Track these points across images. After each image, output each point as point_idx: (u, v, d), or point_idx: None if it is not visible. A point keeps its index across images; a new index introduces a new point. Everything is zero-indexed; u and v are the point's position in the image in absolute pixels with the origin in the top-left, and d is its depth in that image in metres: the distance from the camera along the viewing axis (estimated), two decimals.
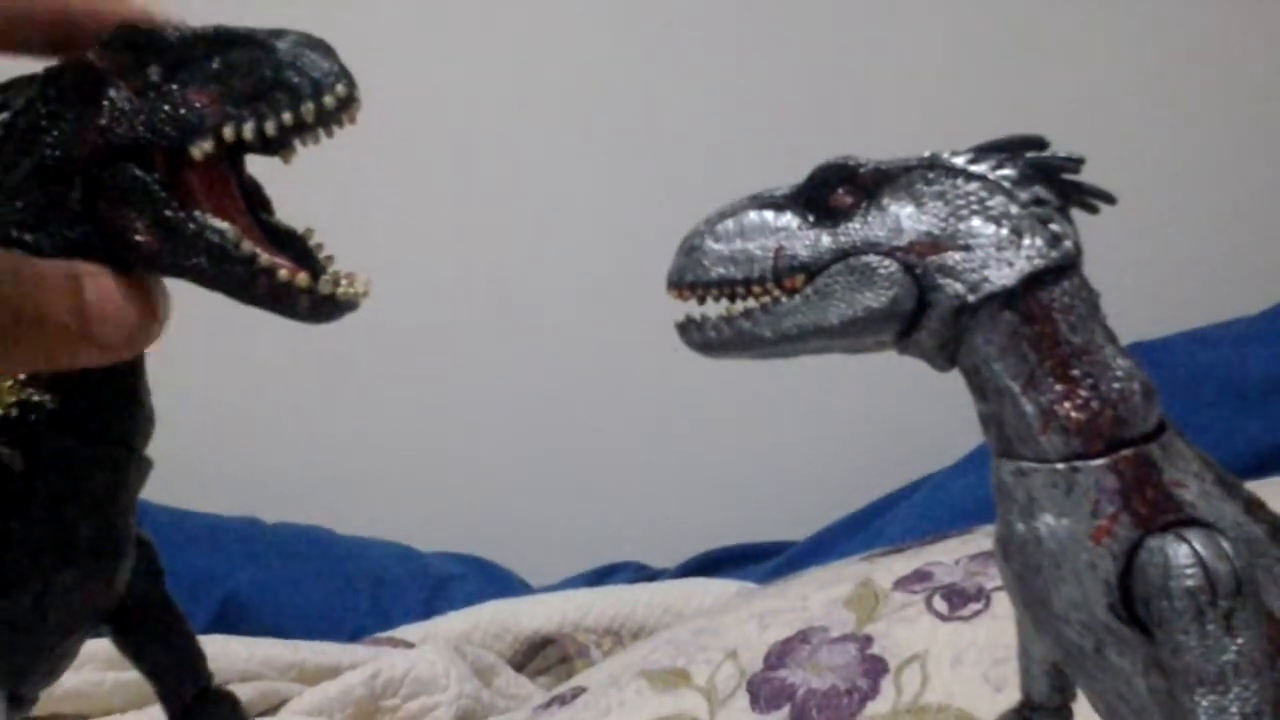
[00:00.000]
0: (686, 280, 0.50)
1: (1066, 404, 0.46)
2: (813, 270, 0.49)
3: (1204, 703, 0.44)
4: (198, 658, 0.56)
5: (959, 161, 0.48)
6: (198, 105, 0.45)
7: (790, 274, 0.49)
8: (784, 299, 0.49)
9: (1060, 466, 0.46)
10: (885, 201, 0.48)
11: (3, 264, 0.42)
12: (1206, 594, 0.44)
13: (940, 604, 0.94)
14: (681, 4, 1.68)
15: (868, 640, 0.94)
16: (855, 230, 0.48)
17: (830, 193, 0.49)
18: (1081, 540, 0.46)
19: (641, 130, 1.68)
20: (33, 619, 0.48)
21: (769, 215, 0.50)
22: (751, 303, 0.50)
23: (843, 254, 0.48)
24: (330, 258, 0.47)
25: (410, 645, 1.28)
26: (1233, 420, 1.30)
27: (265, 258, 0.45)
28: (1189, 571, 0.44)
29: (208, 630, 1.28)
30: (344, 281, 0.46)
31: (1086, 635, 0.47)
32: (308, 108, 0.44)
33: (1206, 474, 0.47)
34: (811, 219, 0.49)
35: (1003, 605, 0.88)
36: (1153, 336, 1.37)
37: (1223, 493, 0.47)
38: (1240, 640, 0.44)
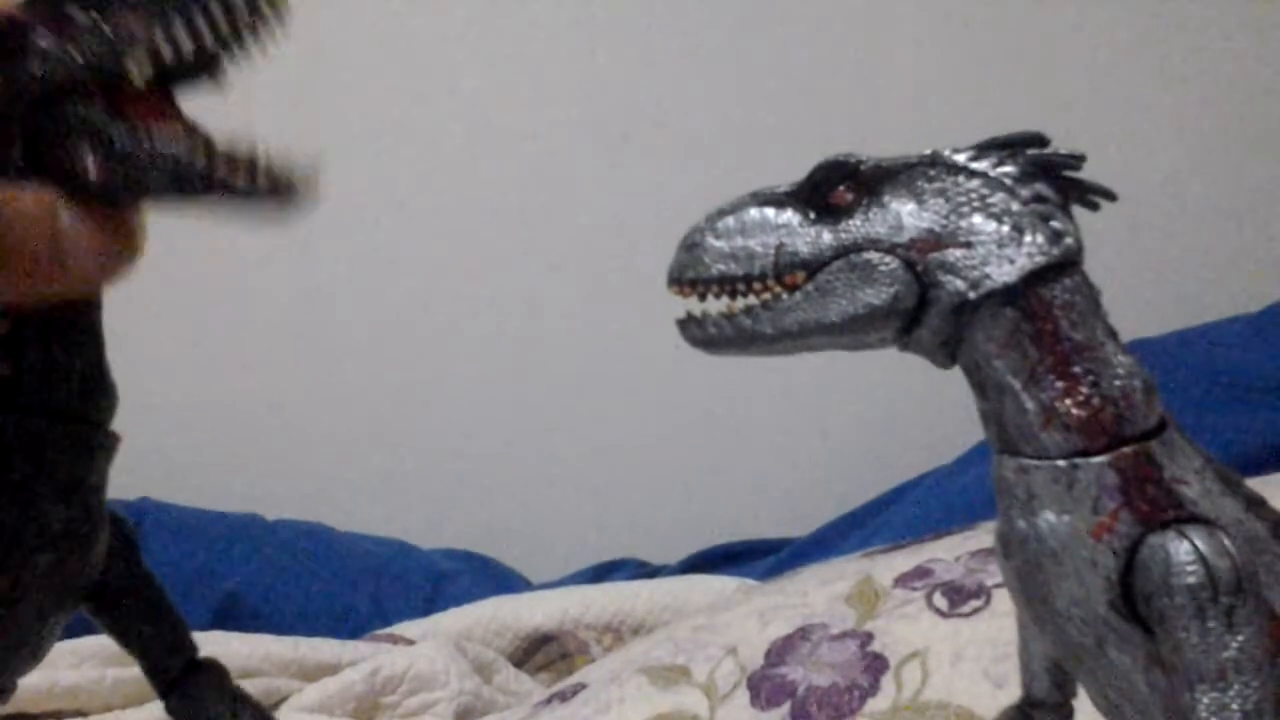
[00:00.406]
0: (687, 277, 0.50)
1: (1067, 401, 0.46)
2: (814, 267, 0.49)
3: (1205, 700, 0.44)
4: (181, 630, 0.56)
5: (960, 159, 0.48)
6: (127, 31, 0.44)
7: (791, 271, 0.49)
8: (785, 296, 0.49)
9: (1061, 463, 0.46)
10: (886, 198, 0.48)
11: None
12: (1208, 591, 0.44)
13: (941, 601, 0.94)
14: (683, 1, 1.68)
15: (868, 637, 0.94)
16: (856, 227, 0.48)
17: (831, 190, 0.49)
18: (1082, 537, 0.46)
19: (643, 127, 1.68)
20: (9, 605, 0.47)
21: (770, 212, 0.49)
22: (752, 300, 0.50)
23: (844, 251, 0.48)
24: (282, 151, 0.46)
25: (410, 642, 1.28)
26: (1232, 418, 1.30)
27: (216, 141, 0.45)
28: (1190, 568, 0.44)
29: (208, 627, 1.28)
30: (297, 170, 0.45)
31: (1087, 632, 0.47)
32: (240, 8, 0.43)
33: (1207, 471, 0.47)
34: (812, 216, 0.49)
35: (1003, 602, 0.88)
36: (1151, 334, 1.37)
37: (1224, 490, 0.47)
38: (1241, 637, 0.44)
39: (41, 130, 0.45)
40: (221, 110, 0.48)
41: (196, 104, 0.47)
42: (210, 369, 1.52)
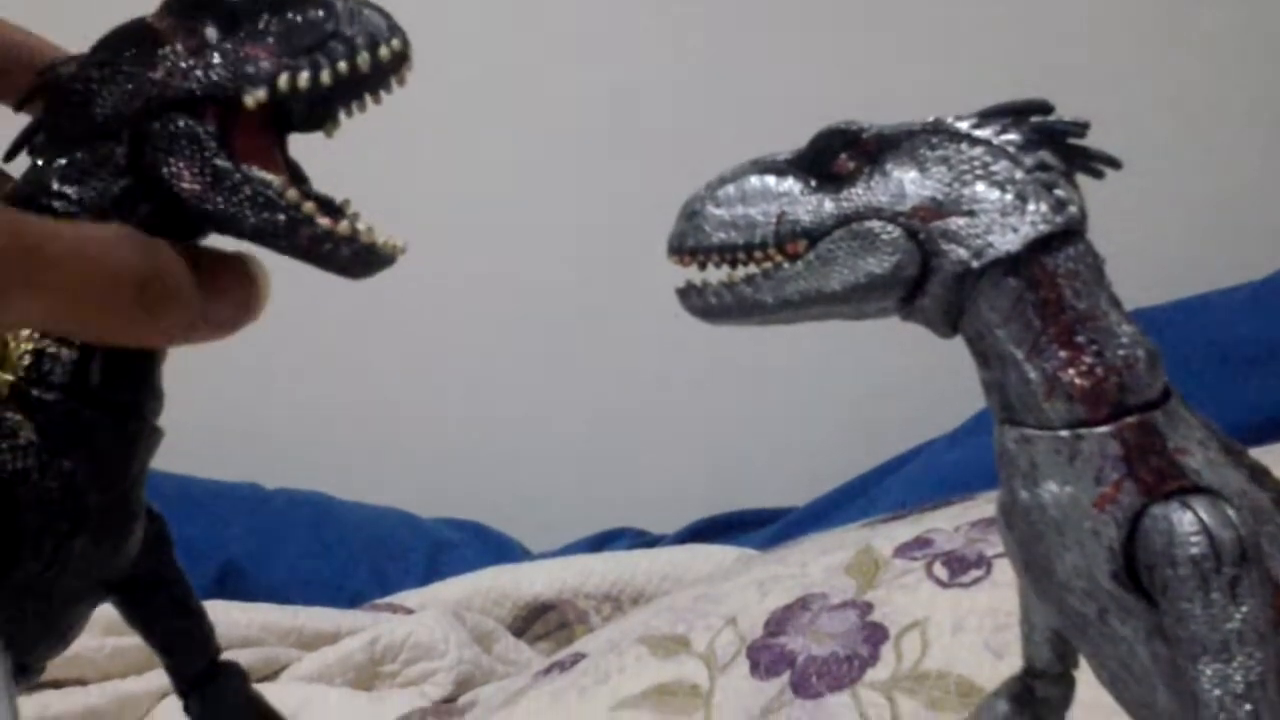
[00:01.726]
0: (687, 245, 0.50)
1: (1071, 370, 0.46)
2: (815, 236, 0.48)
3: (1208, 671, 0.44)
4: (207, 631, 0.56)
5: (963, 126, 0.48)
6: (255, 58, 0.46)
7: (792, 239, 0.49)
8: (786, 265, 0.49)
9: (1064, 434, 0.46)
10: (888, 167, 0.48)
11: (132, 238, 0.42)
12: (1211, 562, 0.44)
13: (941, 571, 0.94)
14: None
15: (868, 607, 0.94)
16: (858, 195, 0.48)
17: (833, 158, 0.48)
18: (1085, 507, 0.46)
19: (643, 94, 1.67)
20: (42, 587, 0.47)
21: (771, 180, 0.49)
22: (753, 268, 0.49)
23: (845, 219, 0.48)
24: (368, 222, 0.48)
25: (409, 611, 1.28)
26: (1233, 388, 1.30)
27: (309, 205, 0.46)
28: (1194, 539, 0.44)
29: (207, 596, 1.27)
30: (384, 235, 0.47)
31: (1089, 603, 0.47)
32: (363, 58, 0.45)
33: (1211, 441, 0.47)
34: (814, 184, 0.49)
35: (1003, 572, 0.88)
36: (1152, 304, 1.37)
37: (1227, 460, 0.47)
38: (1244, 608, 0.44)
39: (148, 135, 0.46)
40: None
41: None
42: None
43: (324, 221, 0.46)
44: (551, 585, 1.32)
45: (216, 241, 0.49)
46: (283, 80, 0.45)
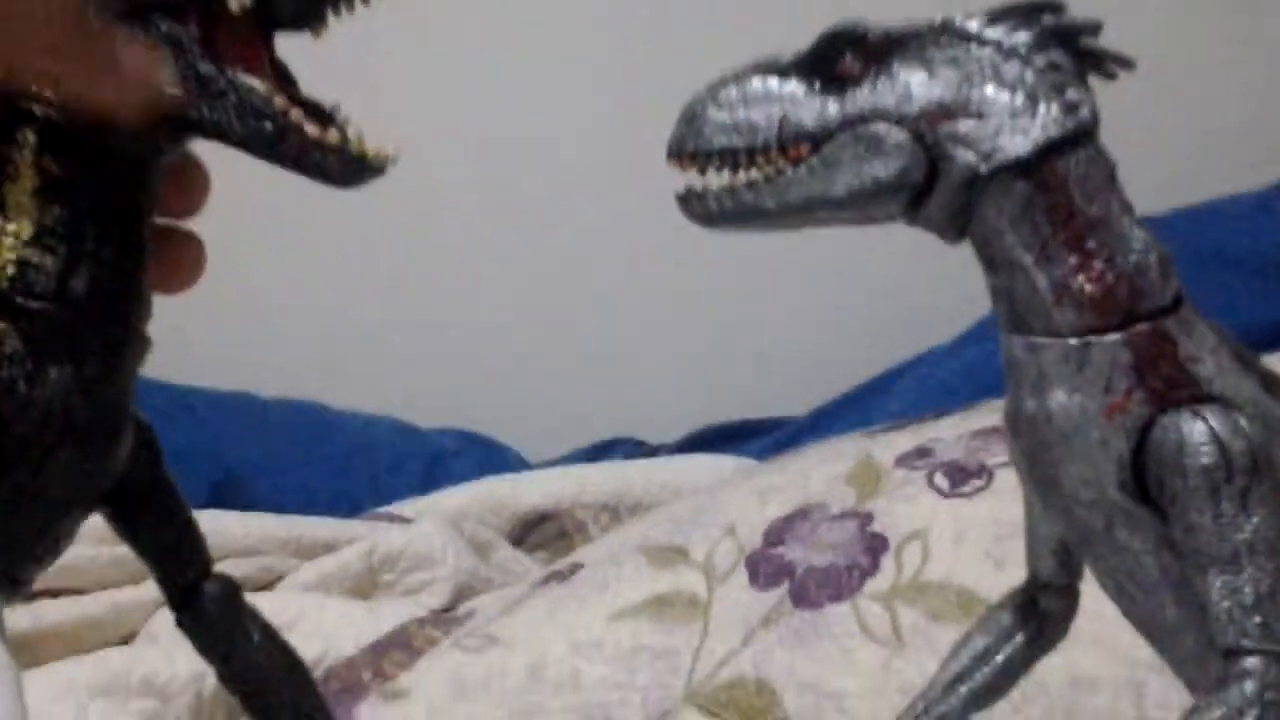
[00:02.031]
0: (687, 149, 0.49)
1: (1081, 277, 0.45)
2: (819, 139, 0.47)
3: (1217, 583, 0.43)
4: (198, 543, 0.55)
5: (972, 26, 0.47)
6: None
7: (795, 143, 0.48)
8: (789, 169, 0.48)
9: (1073, 341, 0.45)
10: (895, 68, 0.47)
11: None
12: (1222, 472, 0.43)
13: (941, 480, 0.94)
14: None
15: (868, 517, 0.93)
16: (863, 98, 0.47)
17: (838, 59, 0.47)
18: (1094, 417, 0.45)
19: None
20: (28, 498, 0.47)
21: (773, 82, 0.48)
22: (755, 173, 0.49)
23: (850, 122, 0.47)
24: (359, 129, 0.47)
25: (407, 520, 1.28)
26: (1237, 296, 1.29)
27: (296, 112, 0.46)
28: (1204, 449, 0.44)
29: (203, 506, 1.27)
30: (374, 144, 0.47)
31: (1096, 513, 0.46)
32: None
33: (1223, 350, 0.46)
34: (818, 86, 0.48)
35: (1004, 482, 0.88)
36: (1154, 211, 1.36)
37: (1240, 369, 0.46)
38: (1255, 519, 0.43)
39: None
40: None
41: None
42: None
43: (312, 130, 0.46)
44: (549, 495, 1.32)
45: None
46: None
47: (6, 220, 0.46)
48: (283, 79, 0.48)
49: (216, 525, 1.14)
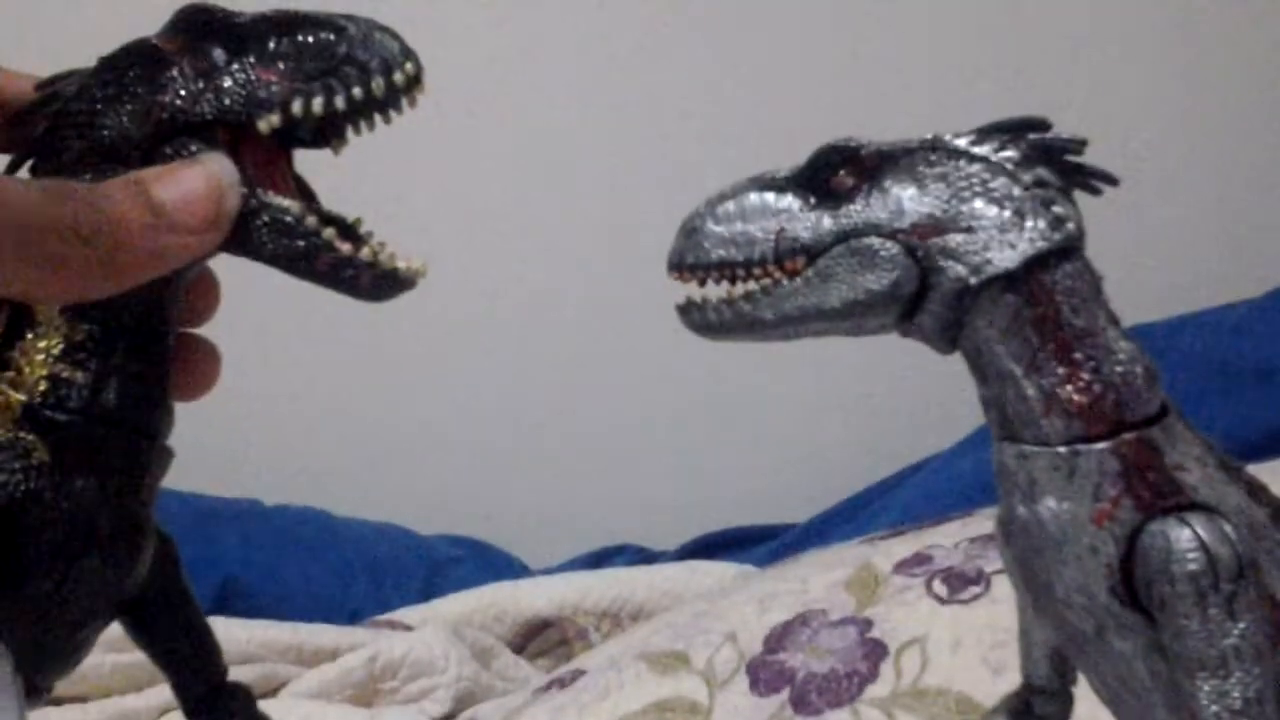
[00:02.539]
0: (687, 262, 0.50)
1: (1069, 387, 0.46)
2: (814, 252, 0.48)
3: (1205, 687, 0.44)
4: (213, 651, 0.56)
5: (961, 143, 0.48)
6: (266, 81, 0.46)
7: (791, 256, 0.49)
8: (785, 281, 0.49)
9: (1062, 450, 0.46)
10: (887, 183, 0.48)
11: (54, 186, 0.41)
12: (1208, 578, 0.44)
13: (940, 587, 0.94)
14: None
15: (867, 623, 0.94)
16: (857, 212, 0.48)
17: (832, 174, 0.49)
18: (1083, 523, 0.46)
19: (643, 115, 1.67)
20: (53, 606, 0.47)
21: (770, 197, 0.49)
22: (752, 285, 0.50)
23: (844, 236, 0.48)
24: (383, 243, 0.48)
25: (409, 628, 1.28)
26: (1232, 404, 1.30)
27: (329, 231, 0.47)
28: (1191, 555, 0.44)
29: (207, 612, 1.27)
30: (403, 259, 0.47)
31: (1088, 619, 0.47)
32: (378, 83, 0.46)
33: (1208, 458, 0.47)
34: (813, 201, 0.49)
35: (1002, 588, 0.88)
36: (1151, 320, 1.37)
37: (1225, 476, 0.47)
38: (1242, 625, 0.44)
39: (159, 159, 0.46)
40: None
41: None
42: None
43: (344, 248, 0.47)
44: (551, 602, 1.32)
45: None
46: (296, 105, 0.46)
47: (38, 336, 0.47)
48: (302, 193, 0.49)
49: (220, 632, 1.12)
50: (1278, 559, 0.46)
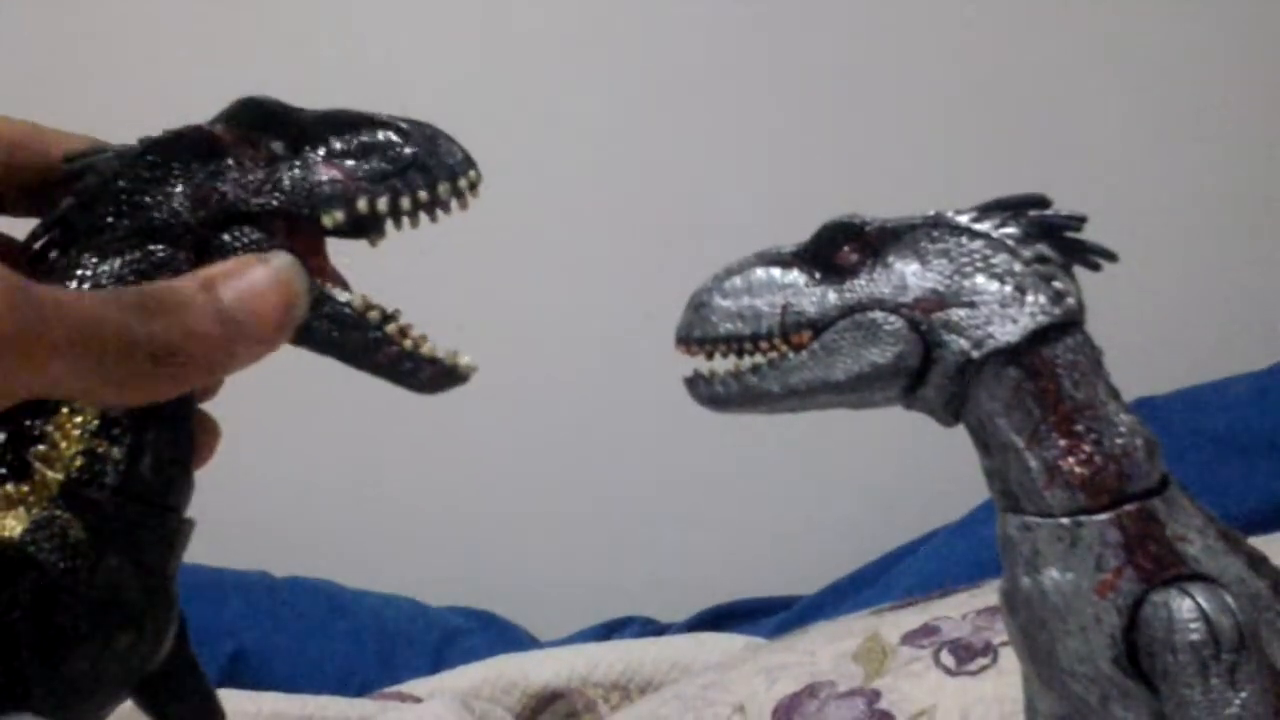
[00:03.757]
0: (695, 336, 0.51)
1: (1070, 459, 0.47)
2: (820, 326, 0.49)
3: None
4: (218, 714, 0.56)
5: (963, 220, 0.49)
6: (330, 178, 0.47)
7: (797, 330, 0.50)
8: (791, 355, 0.50)
9: (1064, 521, 0.47)
10: (891, 259, 0.49)
11: (131, 298, 0.41)
12: (1210, 648, 0.45)
13: (948, 659, 0.94)
14: (688, 75, 1.68)
15: (875, 695, 0.94)
16: (861, 287, 0.49)
17: (836, 250, 0.50)
18: (1086, 594, 0.46)
19: (651, 187, 1.68)
20: (89, 681, 0.48)
21: (776, 272, 0.50)
22: (759, 358, 0.51)
23: (849, 310, 0.49)
24: (424, 335, 0.49)
25: (418, 700, 1.28)
26: (1233, 477, 1.30)
27: (392, 327, 0.48)
28: (1193, 625, 0.45)
29: (216, 685, 1.27)
30: (460, 355, 0.49)
31: (1092, 688, 0.47)
32: (444, 189, 0.47)
33: (1209, 529, 0.48)
34: (818, 276, 0.50)
35: (1010, 660, 0.88)
36: (1157, 393, 1.37)
37: (1226, 547, 0.47)
38: (1244, 694, 0.44)
39: (216, 245, 0.47)
40: None
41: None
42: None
43: (407, 344, 0.48)
44: (560, 674, 1.32)
45: None
46: (362, 203, 0.47)
47: (73, 411, 0.47)
48: (340, 283, 0.50)
49: (228, 704, 1.12)
50: (1278, 630, 0.47)
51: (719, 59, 1.67)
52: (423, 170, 0.47)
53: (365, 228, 0.49)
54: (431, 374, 0.48)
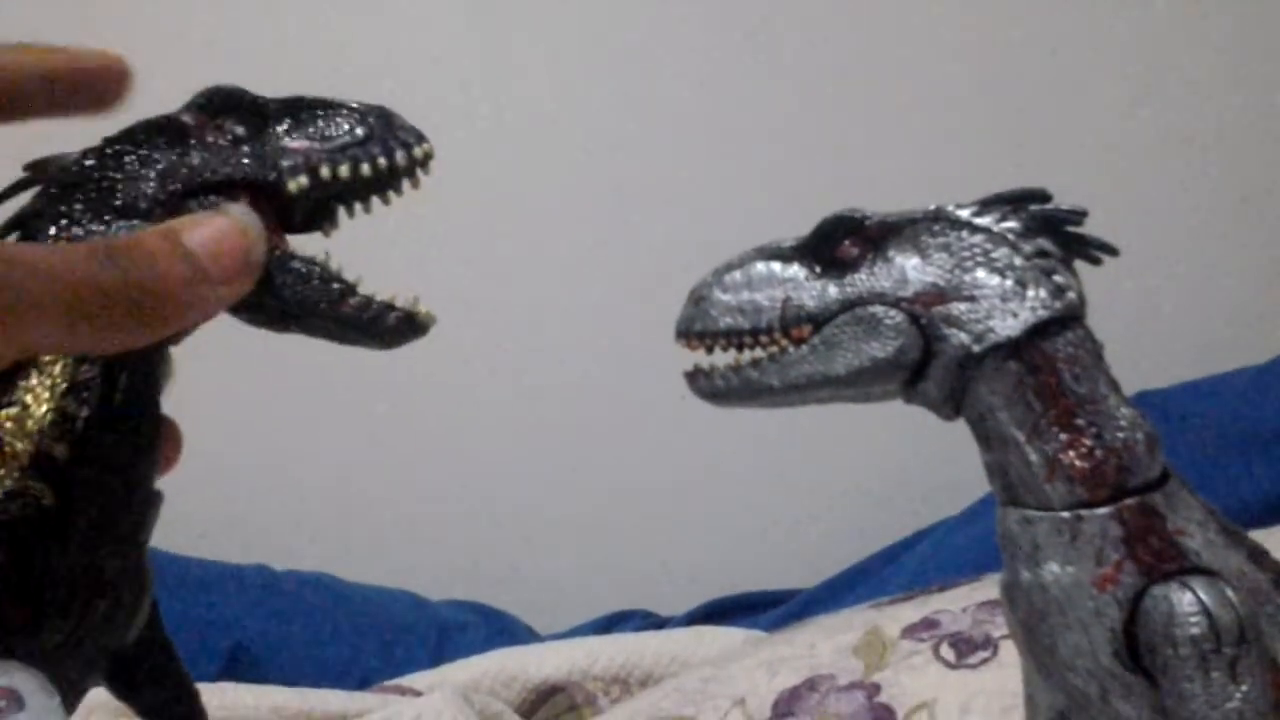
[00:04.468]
0: (695, 330, 0.51)
1: (1071, 453, 0.47)
2: (820, 320, 0.49)
3: None
4: (193, 698, 0.57)
5: (964, 214, 0.49)
6: (293, 151, 0.49)
7: (797, 324, 0.50)
8: (791, 349, 0.50)
9: (1065, 515, 0.47)
10: (891, 253, 0.49)
11: (100, 248, 0.42)
12: (1211, 642, 0.45)
13: (948, 652, 0.94)
14: (688, 68, 1.68)
15: (876, 688, 0.94)
16: (861, 281, 0.49)
17: (837, 244, 0.50)
18: (1086, 588, 0.46)
19: (651, 182, 1.68)
20: (65, 655, 0.48)
21: (776, 266, 0.50)
22: (759, 352, 0.51)
23: (849, 304, 0.49)
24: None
25: (418, 693, 1.28)
26: (1236, 470, 1.30)
27: (355, 276, 0.50)
28: (1193, 619, 0.45)
29: (216, 678, 1.28)
30: (419, 304, 0.50)
31: (1092, 682, 0.47)
32: (401, 156, 0.49)
33: (1210, 522, 0.48)
34: (818, 270, 0.50)
35: (1010, 653, 0.88)
36: (1156, 387, 1.37)
37: (1226, 541, 0.47)
38: (1244, 688, 0.44)
39: (184, 212, 0.48)
40: None
41: None
42: (216, 420, 1.51)
43: (369, 291, 0.49)
44: (560, 667, 1.32)
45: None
46: (324, 170, 0.49)
47: (43, 374, 0.48)
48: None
49: (229, 698, 1.14)
50: (1279, 623, 0.47)
51: (718, 53, 1.67)
52: (380, 142, 0.50)
53: (319, 217, 0.51)
54: (394, 320, 0.49)
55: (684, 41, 1.67)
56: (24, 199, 0.50)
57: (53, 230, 0.49)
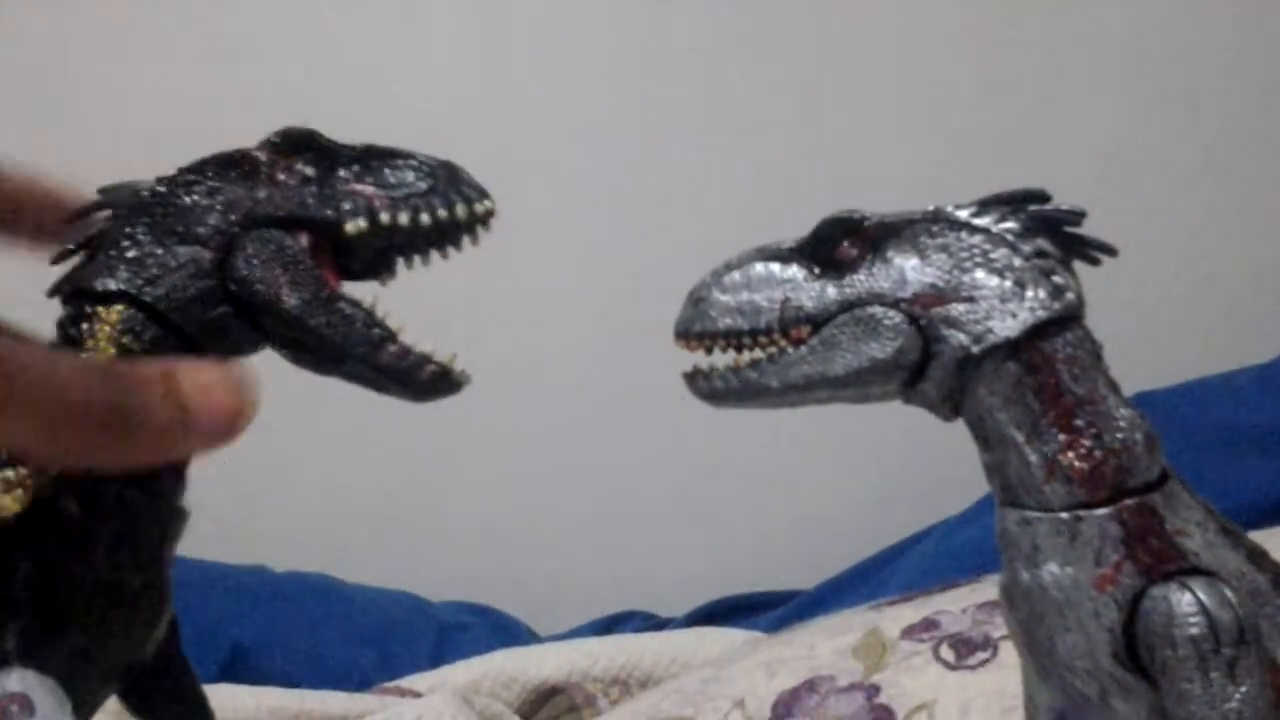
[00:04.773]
0: (694, 331, 0.51)
1: (1070, 453, 0.47)
2: (819, 321, 0.49)
3: None
4: (208, 715, 0.56)
5: (963, 215, 0.49)
6: (356, 194, 0.50)
7: (796, 325, 0.50)
8: (790, 350, 0.50)
9: (1064, 515, 0.47)
10: (890, 254, 0.49)
11: (97, 365, 0.43)
12: (1210, 642, 0.45)
13: (947, 653, 0.94)
14: (687, 69, 1.68)
15: (875, 689, 0.94)
16: (860, 282, 0.49)
17: (835, 245, 0.49)
18: (1085, 588, 0.46)
19: (650, 183, 1.68)
20: (81, 664, 0.48)
21: (775, 267, 0.50)
22: (758, 353, 0.51)
23: (848, 305, 0.49)
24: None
25: (418, 695, 1.28)
26: (1235, 471, 1.30)
27: (396, 325, 0.51)
28: (1192, 620, 0.45)
29: (215, 679, 1.28)
30: (456, 362, 0.52)
31: (1091, 683, 0.47)
32: (461, 210, 0.50)
33: (1209, 523, 0.48)
34: (817, 271, 0.50)
35: (1010, 654, 0.88)
36: (1156, 387, 1.37)
37: (1226, 542, 0.47)
38: (1244, 689, 0.44)
39: (241, 243, 0.50)
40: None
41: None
42: None
43: (409, 341, 0.50)
44: (560, 668, 1.32)
45: None
46: (384, 216, 0.50)
47: None
48: None
49: (228, 699, 1.14)
50: (1278, 624, 0.47)
51: (718, 53, 1.67)
52: (442, 195, 0.50)
53: (378, 265, 0.52)
54: (429, 375, 0.51)
55: (684, 41, 1.67)
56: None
57: (112, 252, 0.50)
